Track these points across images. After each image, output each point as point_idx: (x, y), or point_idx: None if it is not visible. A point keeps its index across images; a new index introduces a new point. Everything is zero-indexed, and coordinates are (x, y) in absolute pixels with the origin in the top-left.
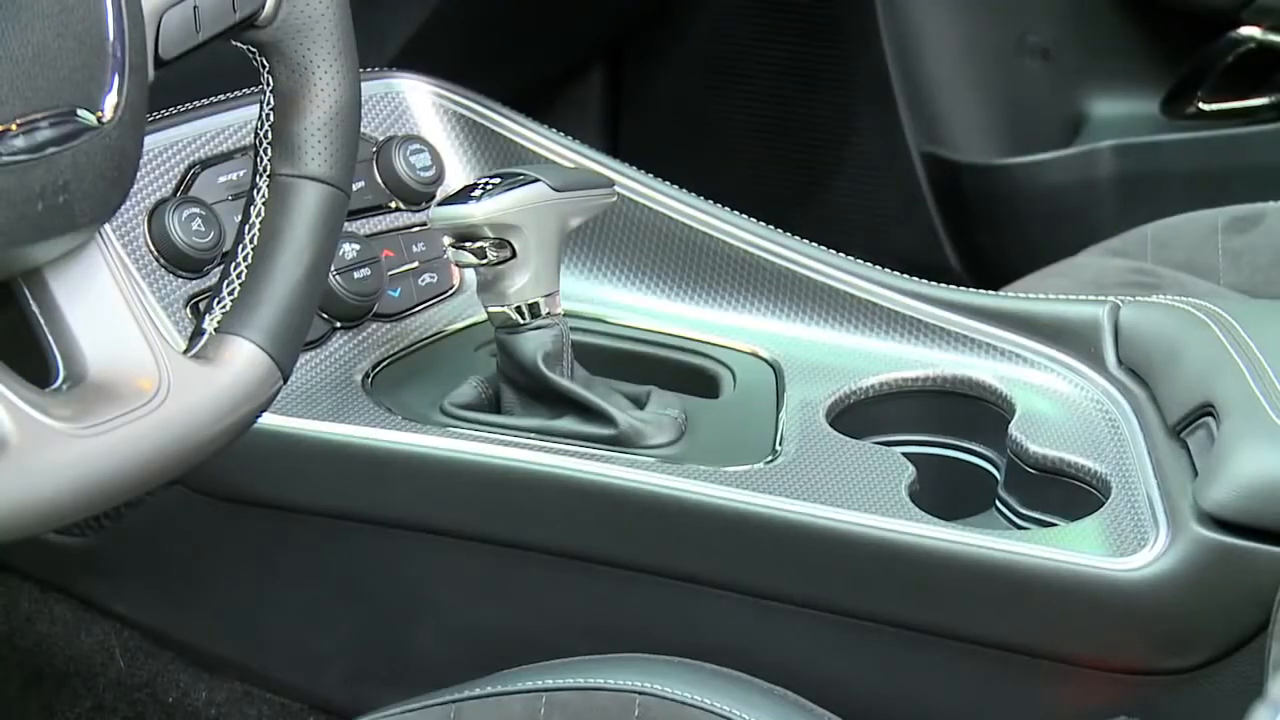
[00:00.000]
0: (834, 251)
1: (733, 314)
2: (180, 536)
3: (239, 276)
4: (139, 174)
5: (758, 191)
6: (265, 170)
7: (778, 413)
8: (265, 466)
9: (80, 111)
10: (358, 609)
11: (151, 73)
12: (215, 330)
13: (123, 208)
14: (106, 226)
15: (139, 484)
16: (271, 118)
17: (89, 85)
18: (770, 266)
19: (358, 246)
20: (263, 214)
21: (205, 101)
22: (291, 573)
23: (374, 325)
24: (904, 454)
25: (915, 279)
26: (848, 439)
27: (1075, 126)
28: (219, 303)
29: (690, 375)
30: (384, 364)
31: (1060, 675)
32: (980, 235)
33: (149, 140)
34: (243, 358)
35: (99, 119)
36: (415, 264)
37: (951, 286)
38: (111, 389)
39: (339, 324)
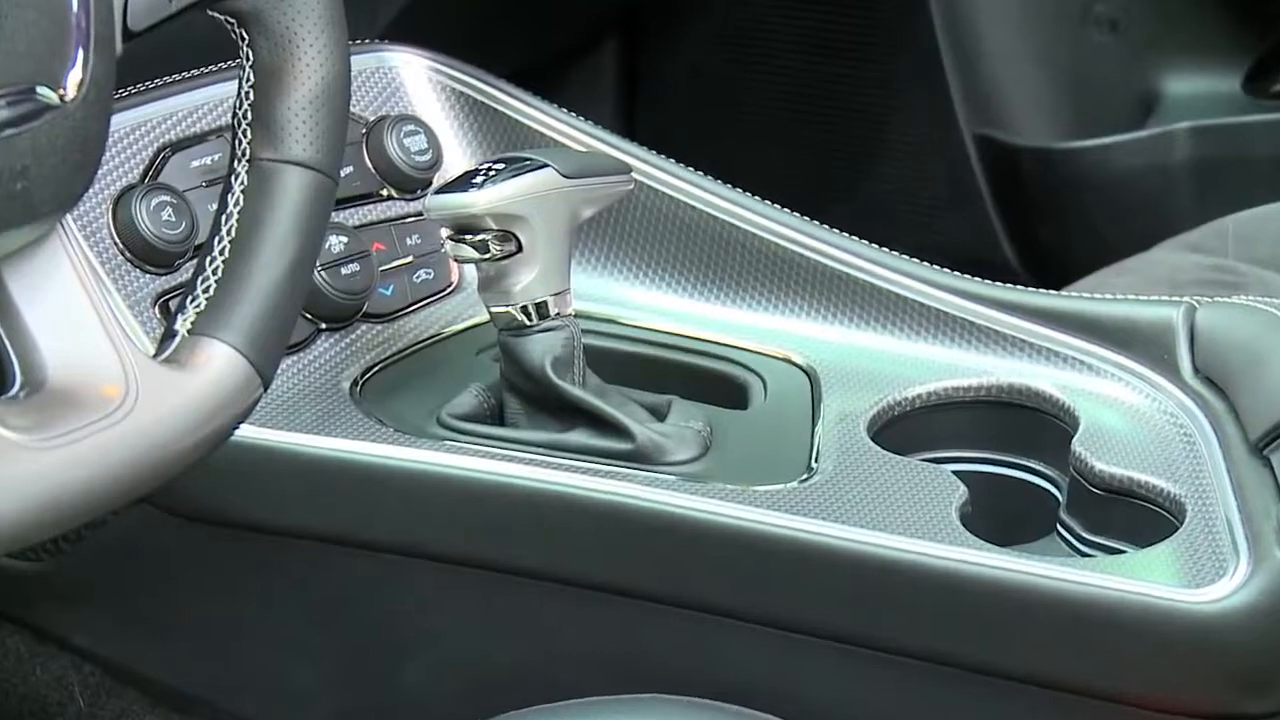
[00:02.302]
0: (876, 246)
1: (763, 315)
2: (147, 561)
3: (214, 272)
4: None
5: (790, 178)
6: (244, 154)
7: (813, 426)
8: (242, 483)
9: (40, 89)
10: (344, 642)
11: (119, 46)
12: (188, 332)
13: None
14: (68, 217)
15: (103, 502)
16: (251, 96)
17: (50, 60)
18: (804, 262)
19: (345, 239)
20: (241, 203)
21: (178, 77)
22: (270, 601)
23: (363, 327)
24: (954, 472)
25: (967, 276)
26: (892, 455)
27: (1147, 106)
28: (192, 301)
29: (715, 383)
30: (374, 370)
31: (1127, 719)
32: (1040, 228)
33: (114, 120)
34: (218, 363)
35: (61, 97)
36: (409, 259)
37: (1008, 285)
38: (73, 397)
39: (324, 325)
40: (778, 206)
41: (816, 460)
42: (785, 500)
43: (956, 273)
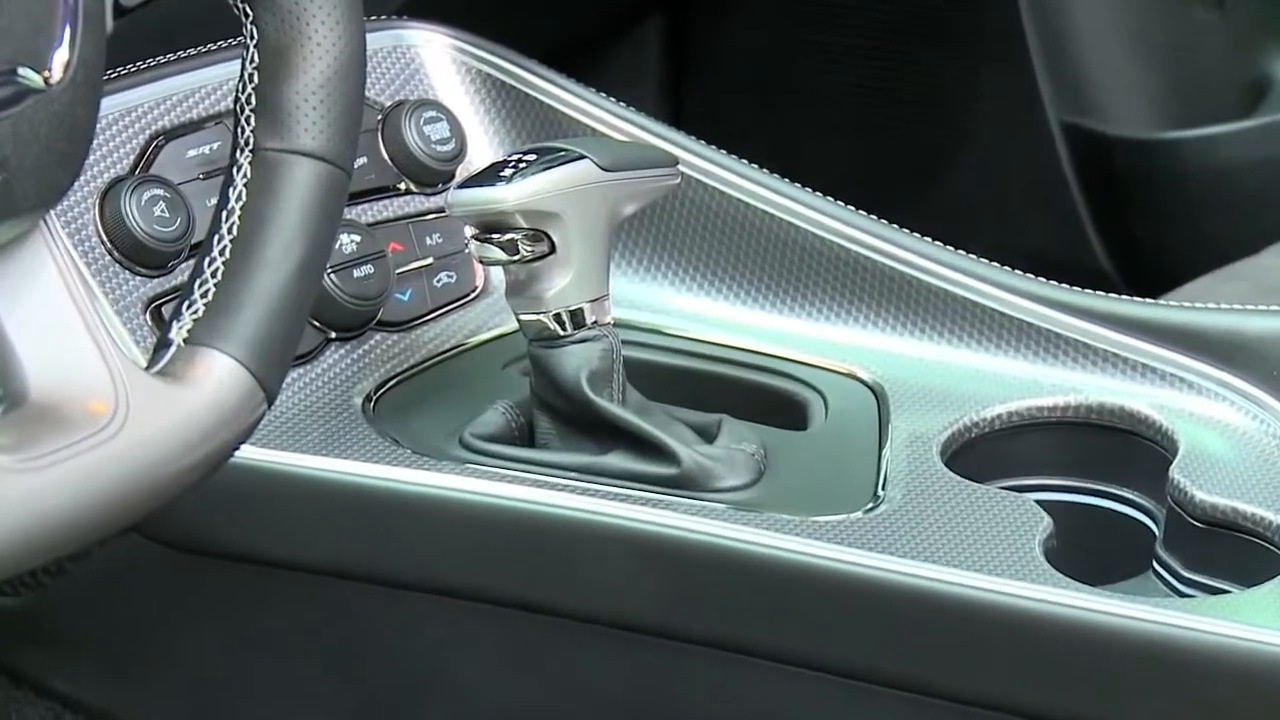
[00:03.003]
0: (951, 248)
1: (824, 325)
2: (136, 597)
3: (213, 275)
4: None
5: (855, 172)
6: (247, 143)
7: (880, 449)
8: (242, 511)
9: (23, 71)
10: (355, 688)
11: (110, 23)
12: (184, 341)
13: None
14: (51, 213)
15: (89, 530)
16: (255, 78)
17: (34, 39)
18: (870, 266)
19: (358, 238)
20: (243, 197)
21: (173, 57)
22: (273, 642)
23: (378, 336)
24: (1038, 502)
25: (1054, 283)
26: (968, 483)
27: (1258, 92)
28: (189, 307)
29: (771, 401)
30: (390, 384)
31: None
32: (1136, 228)
33: (103, 105)
34: (218, 375)
35: (46, 80)
36: (429, 260)
37: (1100, 293)
38: (58, 413)
39: (335, 334)
40: (841, 203)
41: (883, 488)
42: (848, 532)
43: (1041, 278)
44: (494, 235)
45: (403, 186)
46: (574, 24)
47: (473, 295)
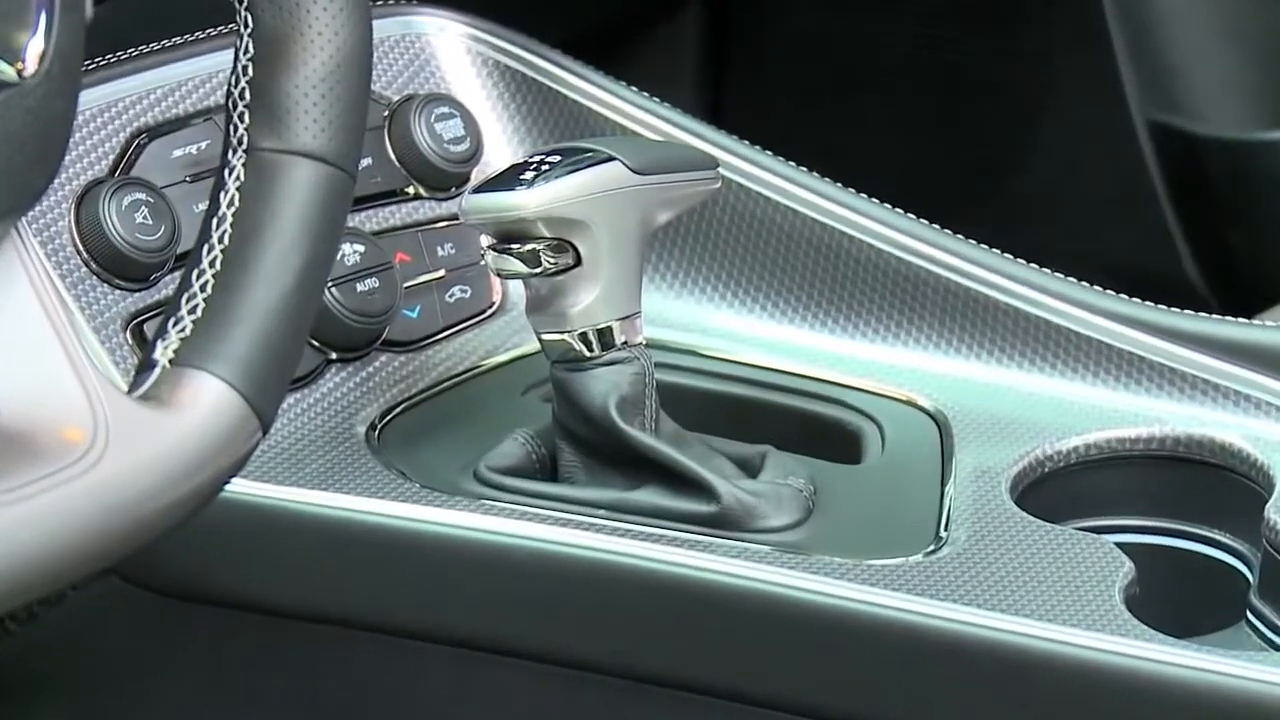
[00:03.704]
0: (1022, 260)
1: (880, 346)
2: (114, 645)
3: (203, 289)
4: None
5: (916, 175)
6: (240, 142)
7: (943, 485)
8: (233, 551)
9: None
10: None
11: (89, 8)
12: (170, 363)
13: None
14: (23, 219)
15: (62, 572)
16: (250, 71)
17: (6, 27)
18: (932, 280)
19: (362, 248)
20: (236, 202)
21: (158, 46)
22: (265, 697)
23: (383, 357)
24: (1118, 544)
25: (1136, 300)
26: (1041, 523)
27: None
28: (175, 325)
29: (821, 431)
30: (396, 411)
31: None
32: (1229, 238)
33: (80, 100)
34: (207, 400)
35: (19, 72)
36: (441, 273)
37: (1188, 311)
38: (27, 441)
39: (336, 355)
40: (900, 210)
41: (947, 528)
42: (907, 577)
43: (1123, 295)
44: (513, 245)
45: (411, 191)
46: (603, 10)
47: (489, 312)
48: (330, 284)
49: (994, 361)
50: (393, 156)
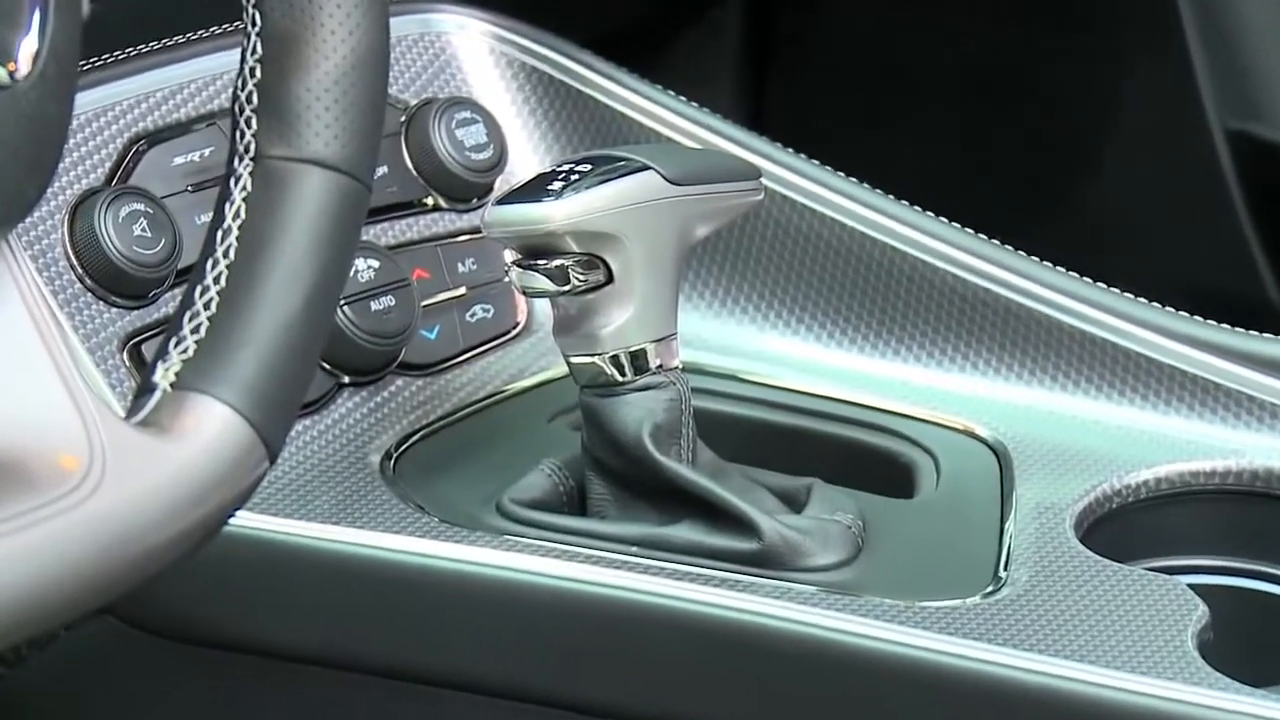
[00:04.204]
0: (1089, 280)
1: (935, 372)
2: (108, 690)
3: (206, 307)
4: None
5: (975, 187)
6: (247, 149)
7: (1002, 522)
8: (238, 589)
9: None
10: None
11: (86, 6)
12: (171, 386)
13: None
14: (13, 231)
15: (55, 611)
16: (258, 72)
17: None
18: (992, 300)
19: (377, 264)
20: (242, 214)
21: (158, 46)
22: None
23: (399, 381)
24: (1190, 585)
25: (1212, 323)
26: (1108, 562)
27: None
28: (176, 345)
29: (871, 463)
30: (414, 439)
31: None
32: None
33: (76, 103)
34: (211, 427)
35: (11, 74)
36: (461, 291)
37: (1269, 335)
38: (20, 470)
39: (349, 378)
40: (958, 225)
41: (1006, 567)
42: (964, 621)
43: (1197, 317)
44: (539, 261)
45: (430, 202)
46: (635, 7)
47: (513, 333)
48: (343, 302)
49: (1058, 388)
50: (410, 165)
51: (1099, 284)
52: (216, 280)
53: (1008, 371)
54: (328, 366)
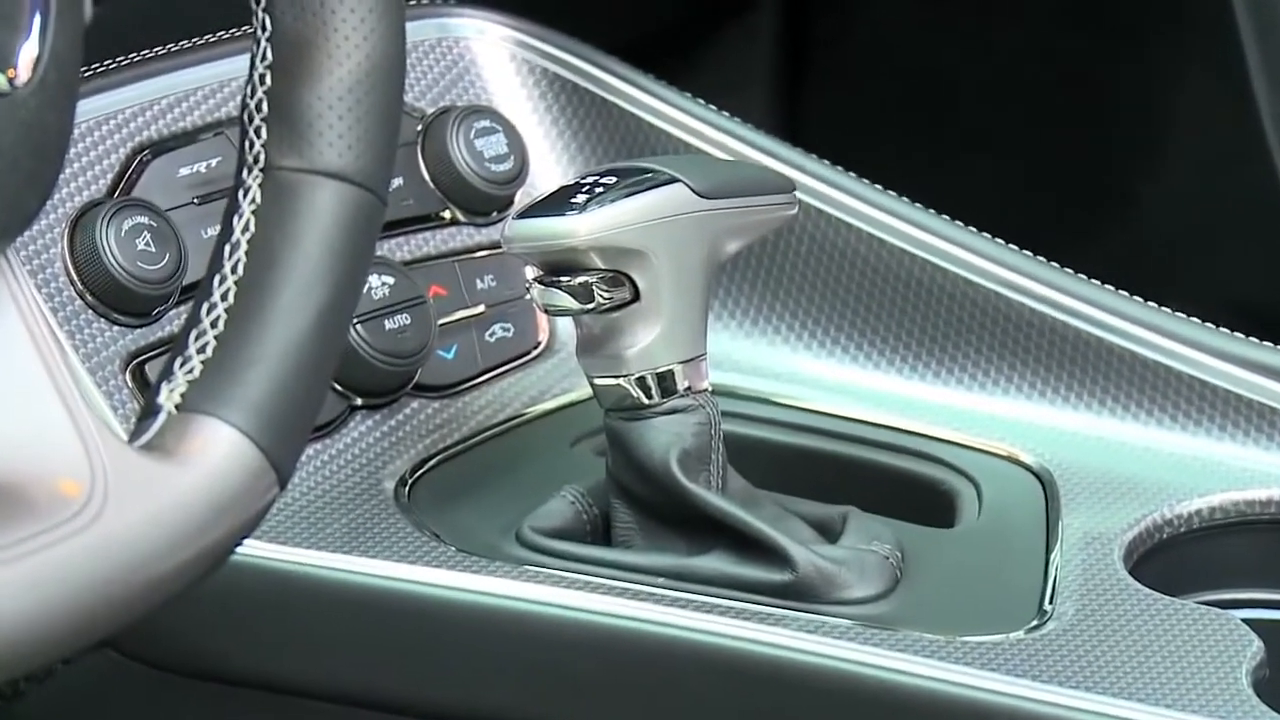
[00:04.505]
0: (1139, 298)
1: (978, 394)
2: None
3: (214, 325)
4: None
5: (1020, 200)
6: (256, 160)
7: (1047, 553)
8: (246, 621)
9: None
10: None
11: (89, 11)
12: (176, 408)
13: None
14: (12, 246)
15: (54, 644)
16: (268, 79)
17: None
18: (1037, 320)
19: (392, 280)
20: (251, 228)
21: (163, 51)
22: None
23: (415, 404)
24: (1245, 620)
25: (1269, 345)
26: (1158, 596)
27: None
28: (182, 365)
29: (910, 490)
30: (430, 464)
31: None
32: None
33: (77, 111)
34: (218, 451)
35: (10, 80)
36: (480, 309)
37: None
38: (18, 496)
39: (362, 400)
40: (1000, 241)
41: (1052, 600)
42: (1007, 656)
43: (1253, 339)
44: (562, 278)
45: (448, 216)
46: (664, 12)
47: (534, 353)
48: (356, 320)
49: (1106, 412)
50: (427, 177)
51: (1149, 303)
52: (224, 297)
53: (1053, 394)
54: (340, 388)
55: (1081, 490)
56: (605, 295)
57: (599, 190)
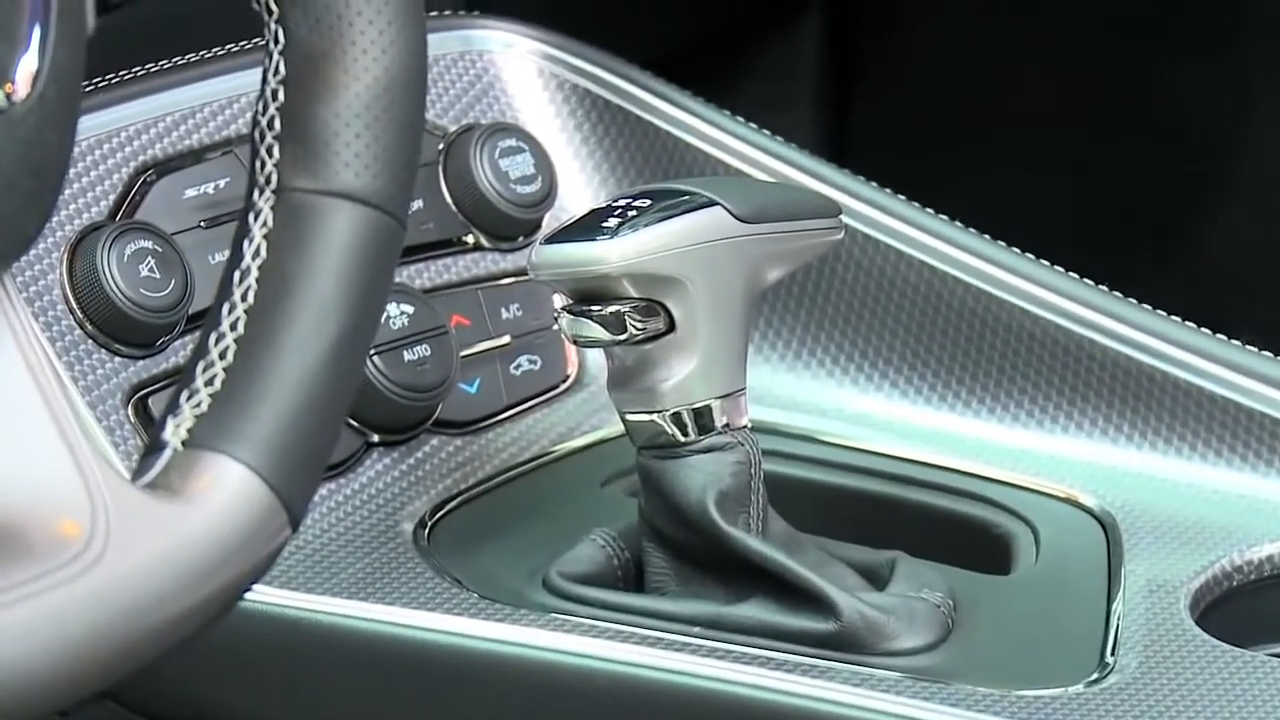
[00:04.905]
0: (1207, 331)
1: (1035, 432)
2: None
3: (222, 356)
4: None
5: (1082, 227)
6: (268, 181)
7: (1110, 601)
8: (252, 671)
9: None
10: None
11: (91, 22)
12: (182, 444)
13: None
14: (8, 271)
15: (52, 694)
16: (281, 95)
17: None
18: (1100, 353)
19: (411, 309)
20: (263, 254)
21: (168, 65)
22: None
23: (435, 441)
24: None
25: None
26: (1227, 647)
27: None
28: (189, 399)
29: (963, 534)
30: (451, 505)
31: None
32: None
33: (78, 129)
34: (227, 489)
35: (8, 95)
36: (505, 340)
37: None
38: (15, 538)
39: (379, 437)
40: (1060, 269)
41: (1113, 652)
42: (1066, 712)
43: None
44: (593, 307)
45: (471, 240)
46: (702, 23)
47: (563, 387)
48: (373, 352)
49: (1172, 451)
50: (449, 199)
51: (1218, 335)
52: (233, 327)
53: (1116, 433)
54: (356, 424)
55: (1145, 534)
56: (638, 326)
57: (632, 214)
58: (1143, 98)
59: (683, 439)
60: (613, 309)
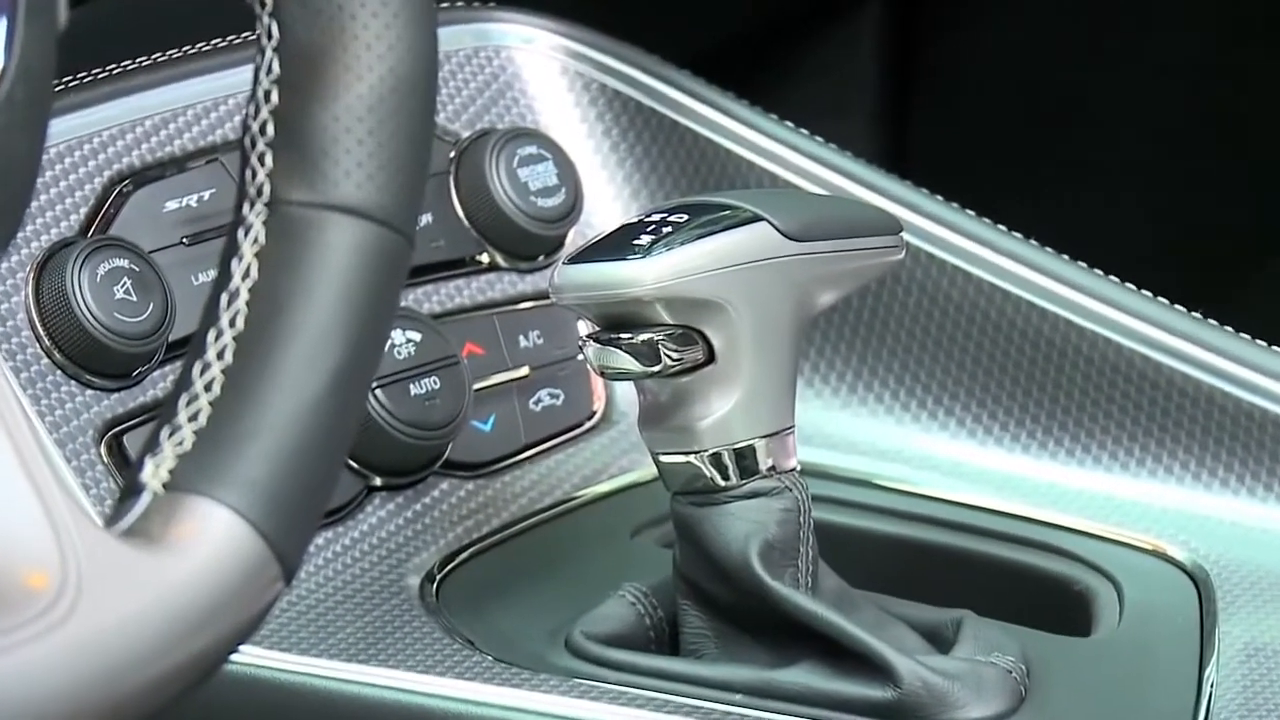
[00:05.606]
0: None
1: (1118, 476)
2: None
3: (208, 388)
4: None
5: (1167, 247)
6: (260, 193)
7: (1202, 666)
8: None
9: None
10: None
11: (64, 15)
12: (164, 487)
13: None
14: None
15: None
16: (274, 97)
17: None
18: (1191, 387)
19: (419, 337)
20: (253, 274)
21: (148, 62)
22: None
23: (444, 484)
24: None
25: None
26: None
27: None
28: (170, 436)
29: (1038, 591)
30: (463, 557)
31: None
32: None
33: (48, 134)
34: (213, 537)
35: None
36: (524, 371)
37: None
38: None
39: (382, 480)
40: (1146, 293)
41: None
42: None
43: None
44: (623, 335)
45: (486, 260)
46: (744, 18)
47: (588, 425)
48: (376, 385)
49: (1273, 499)
50: (461, 213)
51: None
52: (220, 356)
53: (1209, 477)
54: (357, 465)
55: (1242, 592)
56: (674, 356)
57: (667, 230)
58: (1241, 104)
59: (723, 483)
60: (645, 337)
